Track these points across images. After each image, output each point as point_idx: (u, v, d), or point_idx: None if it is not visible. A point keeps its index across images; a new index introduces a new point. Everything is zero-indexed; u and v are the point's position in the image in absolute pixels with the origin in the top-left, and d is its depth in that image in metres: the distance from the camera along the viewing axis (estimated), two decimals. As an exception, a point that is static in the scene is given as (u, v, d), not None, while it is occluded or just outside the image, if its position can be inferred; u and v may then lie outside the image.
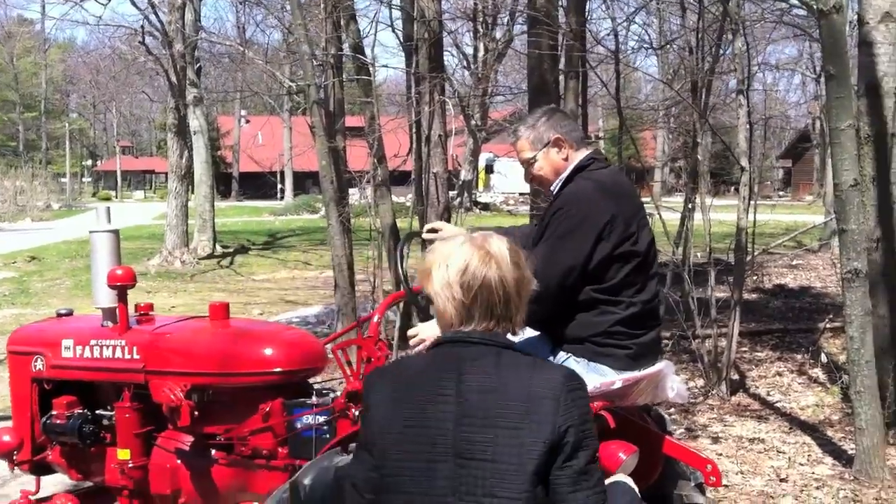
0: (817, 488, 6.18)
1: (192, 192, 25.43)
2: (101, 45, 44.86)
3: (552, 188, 3.82)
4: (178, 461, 4.13)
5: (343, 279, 9.54)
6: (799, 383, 9.28)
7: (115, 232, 4.36)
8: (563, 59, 10.80)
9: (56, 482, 5.07)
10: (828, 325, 11.89)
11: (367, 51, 11.97)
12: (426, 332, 3.64)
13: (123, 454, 4.18)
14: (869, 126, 7.12)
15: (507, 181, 45.04)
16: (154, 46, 23.73)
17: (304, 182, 54.41)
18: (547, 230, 3.62)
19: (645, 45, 14.24)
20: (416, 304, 4.04)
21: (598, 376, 3.52)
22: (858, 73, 7.28)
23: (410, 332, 3.69)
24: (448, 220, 10.60)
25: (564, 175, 3.73)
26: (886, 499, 5.89)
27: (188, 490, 4.14)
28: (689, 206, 9.65)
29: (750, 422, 7.88)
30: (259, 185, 57.92)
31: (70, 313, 4.75)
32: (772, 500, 5.98)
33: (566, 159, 3.75)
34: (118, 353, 4.19)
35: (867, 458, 6.21)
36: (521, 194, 47.29)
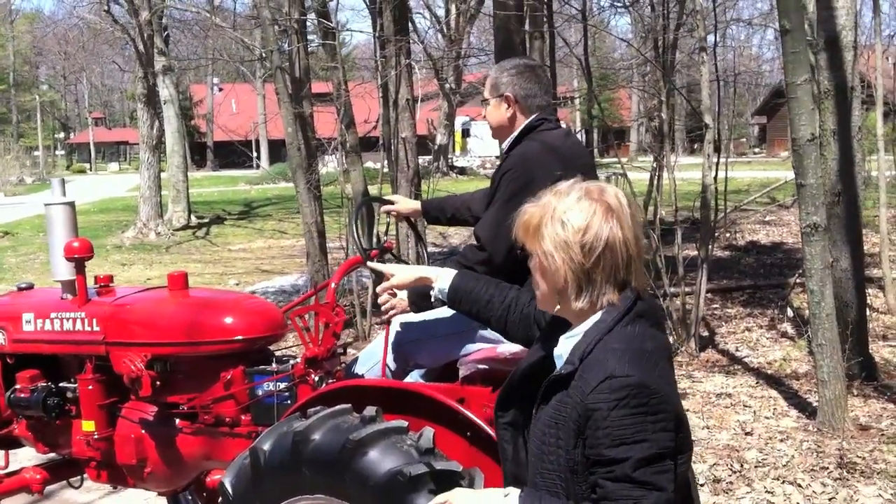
0: (781, 441, 6.29)
1: (165, 163, 25.25)
2: (68, 14, 44.24)
3: (502, 146, 3.85)
4: (143, 431, 4.15)
5: (314, 247, 9.55)
6: (767, 338, 9.40)
7: (71, 204, 4.35)
8: (527, 19, 10.76)
9: (28, 456, 5.08)
10: (797, 280, 12.01)
11: (333, 15, 11.88)
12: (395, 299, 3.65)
13: (88, 426, 4.19)
14: (829, 80, 7.18)
15: (484, 144, 44.94)
16: (120, 15, 23.47)
17: (280, 150, 54.01)
18: (496, 193, 3.66)
19: (616, 4, 14.15)
20: (372, 270, 4.05)
21: (551, 335, 3.57)
22: (817, 28, 7.31)
23: (379, 290, 3.70)
24: (419, 185, 10.60)
25: (513, 135, 3.76)
26: (848, 448, 6.01)
27: (154, 459, 4.17)
28: (657, 165, 9.69)
29: (718, 377, 7.99)
30: (234, 154, 57.45)
31: (31, 287, 4.74)
32: (737, 453, 6.09)
33: (512, 119, 3.77)
34: (78, 326, 4.18)
35: (829, 409, 6.33)
36: (497, 157, 47.32)
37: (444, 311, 3.81)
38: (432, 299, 3.12)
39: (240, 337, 4.01)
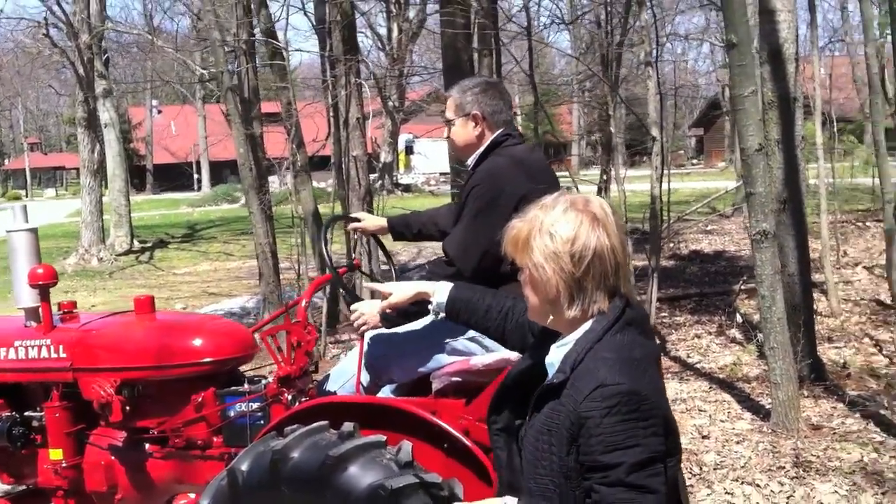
0: (738, 443, 6.43)
1: (106, 187, 24.91)
2: (4, 38, 43.52)
3: (468, 162, 3.90)
4: (113, 457, 4.13)
5: (267, 267, 9.52)
6: (717, 344, 9.59)
7: (34, 230, 4.31)
8: (475, 37, 10.89)
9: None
10: (742, 287, 12.29)
11: (280, 35, 11.90)
12: (366, 310, 3.70)
13: (56, 454, 4.15)
14: (772, 91, 7.38)
15: (428, 161, 45.12)
16: (59, 38, 23.14)
17: (222, 171, 53.62)
18: (464, 209, 3.72)
19: (556, 21, 14.31)
20: (343, 287, 4.09)
21: (521, 348, 3.63)
22: (761, 41, 7.51)
23: (353, 307, 3.74)
24: (371, 203, 10.64)
25: (479, 151, 3.81)
26: (802, 448, 6.16)
27: (124, 485, 4.15)
28: (605, 178, 9.85)
29: (672, 383, 8.13)
30: (175, 176, 56.95)
31: (-9, 315, 4.69)
32: (695, 456, 6.20)
33: (480, 136, 3.82)
34: (44, 353, 4.15)
35: (783, 410, 6.48)
36: (442, 174, 47.41)
37: (416, 326, 3.86)
38: (431, 312, 3.14)
39: (209, 359, 4.01)
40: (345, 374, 3.98)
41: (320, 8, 11.63)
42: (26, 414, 4.32)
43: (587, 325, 2.24)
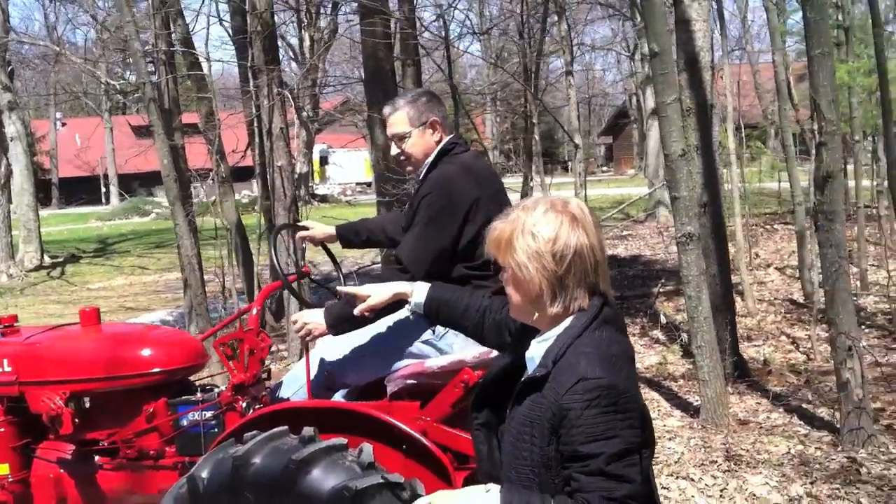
0: (670, 439, 6.63)
1: (12, 202, 24.22)
2: None
3: (418, 173, 3.96)
4: (62, 470, 4.08)
5: (195, 279, 9.42)
6: (642, 345, 9.84)
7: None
8: (397, 47, 10.98)
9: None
10: (661, 290, 12.64)
11: (198, 45, 11.81)
12: (309, 319, 3.74)
13: (2, 469, 4.08)
14: (690, 99, 7.65)
15: (343, 172, 44.99)
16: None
17: (130, 184, 52.51)
18: (416, 217, 3.77)
19: (469, 31, 14.48)
20: (294, 294, 4.13)
21: (476, 347, 3.71)
22: (677, 50, 7.77)
23: (294, 318, 3.79)
24: (296, 213, 10.61)
25: (429, 160, 3.89)
26: (732, 442, 6.40)
27: (74, 498, 4.10)
28: (529, 185, 10.02)
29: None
30: (81, 190, 55.56)
31: (-74, 332, 4.58)
32: (630, 453, 6.38)
33: (437, 142, 3.90)
34: (-13, 367, 4.08)
35: (712, 406, 6.71)
36: (358, 184, 47.37)
37: (366, 332, 3.92)
38: (408, 312, 3.21)
39: (160, 369, 4.00)
40: (297, 380, 4.01)
41: (237, 18, 11.59)
42: (-33, 431, 4.24)
43: (567, 322, 2.32)
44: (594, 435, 2.13)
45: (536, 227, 2.29)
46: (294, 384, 4.02)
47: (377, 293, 3.23)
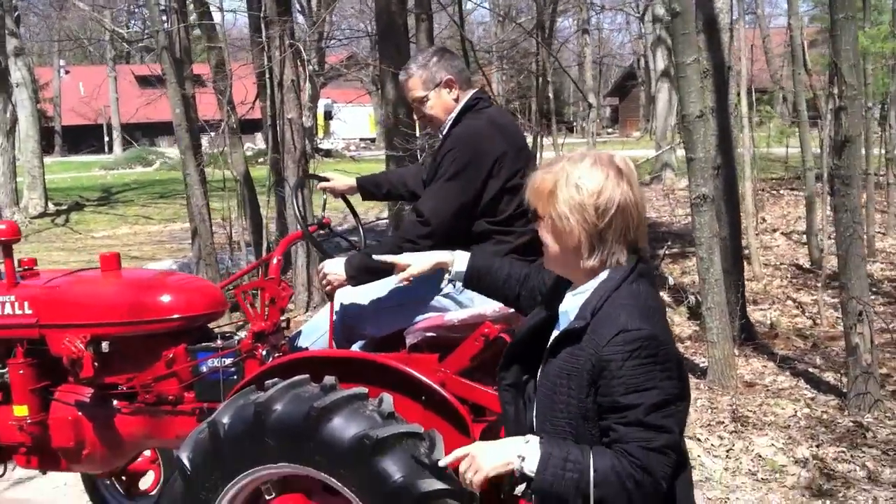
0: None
1: (19, 149, 24.17)
2: None
3: (441, 129, 3.95)
4: (80, 413, 4.10)
5: (205, 229, 9.43)
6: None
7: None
8: (410, 1, 10.90)
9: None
10: (667, 252, 12.66)
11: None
12: (329, 269, 3.76)
13: (20, 410, 4.11)
14: (707, 60, 7.60)
15: (347, 127, 44.79)
16: (-33, -6, 22.25)
17: (133, 134, 52.32)
18: (439, 170, 3.76)
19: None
20: (314, 244, 4.13)
21: (496, 302, 3.73)
22: (696, 11, 7.70)
23: (319, 267, 3.80)
24: (306, 166, 10.60)
25: (453, 115, 3.86)
26: (739, 403, 6.45)
27: (92, 441, 4.13)
28: (539, 144, 9.99)
29: (608, 345, 8.37)
30: (84, 138, 55.36)
31: (-55, 273, 4.59)
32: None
33: (456, 99, 3.88)
34: (8, 310, 4.09)
35: (719, 368, 6.75)
36: (362, 139, 47.22)
37: (386, 284, 3.94)
38: (447, 281, 3.20)
39: (180, 315, 4.01)
40: (317, 330, 4.04)
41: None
42: (-16, 371, 4.27)
43: (604, 275, 2.33)
44: (634, 386, 2.15)
45: (582, 179, 2.27)
46: (313, 334, 4.05)
47: (417, 262, 3.15)
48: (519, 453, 2.24)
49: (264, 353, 3.86)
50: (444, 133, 3.91)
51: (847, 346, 6.23)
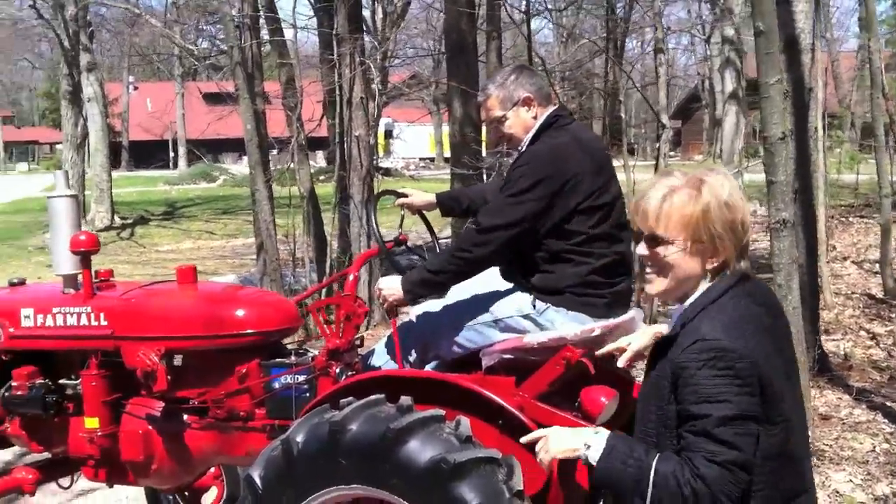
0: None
1: (88, 162, 24.66)
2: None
3: (520, 147, 3.85)
4: (151, 427, 4.07)
5: (271, 244, 9.46)
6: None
7: (75, 197, 4.26)
8: (480, 18, 10.89)
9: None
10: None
11: (281, 13, 11.81)
12: (385, 286, 3.71)
13: (91, 423, 4.09)
14: (787, 81, 7.40)
15: (407, 146, 44.98)
16: (44, 10, 22.80)
17: (199, 150, 53.12)
18: (507, 184, 3.69)
19: (546, 7, 14.25)
20: (391, 261, 4.06)
21: (578, 325, 3.62)
22: (778, 30, 7.52)
23: (377, 286, 3.76)
24: (371, 184, 10.60)
25: (532, 133, 3.78)
26: (815, 437, 6.21)
27: (161, 455, 4.10)
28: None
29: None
30: (150, 153, 56.37)
31: (23, 282, 4.61)
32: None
33: (535, 117, 3.79)
34: (84, 321, 4.09)
35: (796, 399, 6.52)
36: (421, 159, 47.39)
37: (463, 303, 3.85)
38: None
39: (254, 330, 3.96)
40: (390, 349, 3.96)
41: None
42: (60, 382, 4.27)
43: (703, 287, 2.34)
44: (705, 396, 2.14)
45: (731, 197, 2.29)
46: (387, 353, 3.97)
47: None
48: (586, 442, 2.31)
49: (338, 371, 3.79)
50: (521, 148, 3.83)
51: (933, 380, 5.98)
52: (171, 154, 55.74)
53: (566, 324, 3.62)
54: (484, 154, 10.01)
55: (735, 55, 20.17)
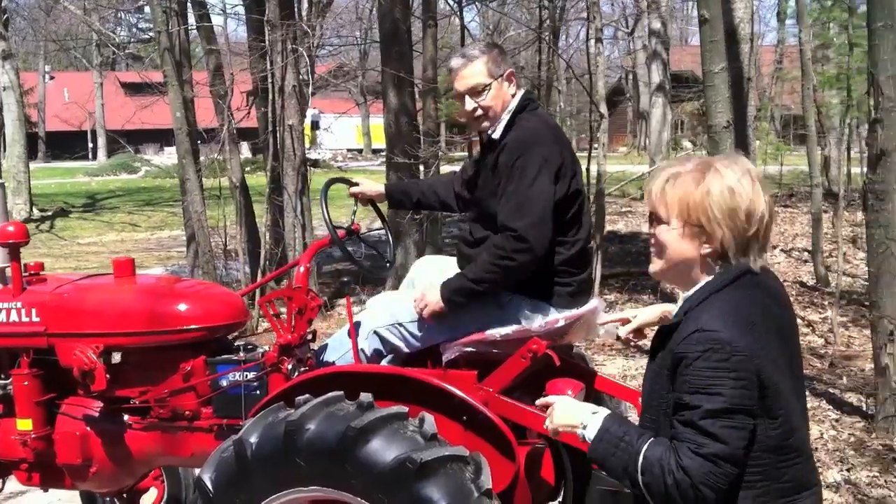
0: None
1: (4, 153, 23.81)
2: None
3: (490, 132, 3.67)
4: (88, 428, 3.84)
5: (204, 236, 9.16)
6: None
7: (1, 186, 3.99)
8: (414, 5, 10.72)
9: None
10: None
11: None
12: (430, 295, 3.54)
13: (24, 424, 3.84)
14: (727, 71, 7.42)
15: (334, 137, 44.54)
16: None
17: (118, 141, 51.82)
18: (512, 181, 3.46)
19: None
20: (343, 251, 3.89)
21: (541, 316, 3.51)
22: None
23: (416, 299, 3.57)
24: (306, 174, 10.37)
25: (507, 116, 3.62)
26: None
27: (100, 458, 3.86)
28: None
29: (618, 359, 8.17)
30: (68, 145, 54.82)
31: (-55, 277, 4.32)
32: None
33: (513, 96, 3.65)
34: (14, 317, 3.82)
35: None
36: (349, 150, 47.01)
37: (421, 288, 3.70)
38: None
39: (199, 325, 3.75)
40: (344, 343, 3.79)
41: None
42: (-13, 382, 4.00)
43: (709, 277, 2.29)
44: (698, 387, 2.12)
45: (736, 185, 2.23)
46: (341, 347, 3.80)
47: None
48: (584, 421, 2.33)
49: (290, 367, 3.61)
50: (493, 133, 3.65)
51: (876, 367, 6.04)
52: (91, 145, 54.26)
53: (531, 315, 3.50)
54: (422, 145, 9.86)
55: (662, 48, 20.41)
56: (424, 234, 10.12)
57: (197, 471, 4.74)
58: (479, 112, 3.63)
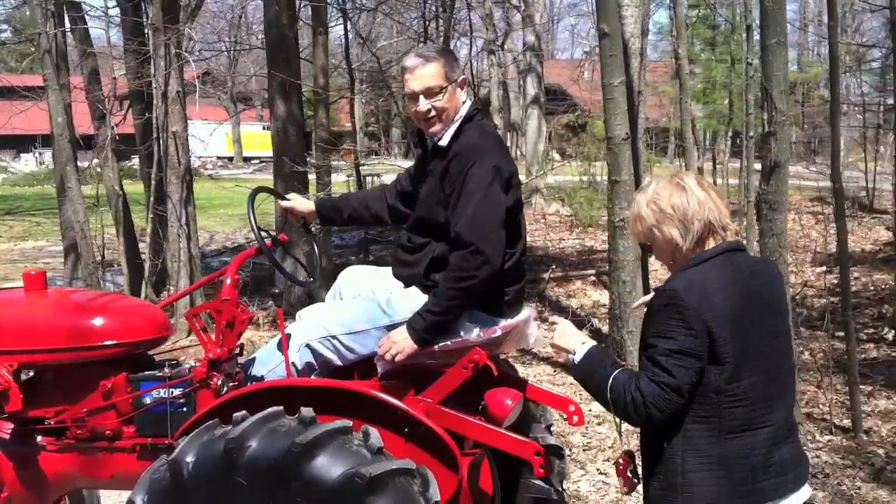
0: (598, 424, 6.60)
1: None
2: None
3: (437, 139, 3.65)
4: (1, 450, 3.63)
5: (86, 245, 8.78)
6: (545, 330, 9.77)
7: None
8: (301, 15, 10.61)
9: None
10: (552, 275, 12.71)
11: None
12: (398, 338, 3.42)
13: (-73, 449, 3.60)
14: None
15: (203, 146, 43.54)
16: None
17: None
18: (464, 190, 3.41)
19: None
20: (272, 261, 3.79)
21: (480, 326, 3.50)
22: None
23: (381, 342, 3.47)
24: (191, 182, 10.08)
25: (454, 126, 3.59)
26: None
27: (11, 481, 3.65)
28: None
29: (542, 365, 8.26)
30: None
31: None
32: (563, 437, 6.30)
33: (464, 103, 3.63)
34: (-86, 334, 3.58)
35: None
36: (219, 158, 46.01)
37: (356, 304, 3.65)
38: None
39: (119, 341, 3.59)
40: (274, 356, 3.69)
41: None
42: None
43: (691, 256, 2.78)
44: (657, 332, 2.65)
45: (657, 195, 2.81)
46: (270, 360, 3.69)
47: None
48: (575, 347, 2.87)
49: (219, 382, 3.49)
50: (440, 140, 3.60)
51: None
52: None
53: (468, 324, 3.48)
54: (313, 155, 9.74)
55: (536, 61, 20.79)
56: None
57: (100, 493, 4.57)
58: (433, 113, 3.57)
